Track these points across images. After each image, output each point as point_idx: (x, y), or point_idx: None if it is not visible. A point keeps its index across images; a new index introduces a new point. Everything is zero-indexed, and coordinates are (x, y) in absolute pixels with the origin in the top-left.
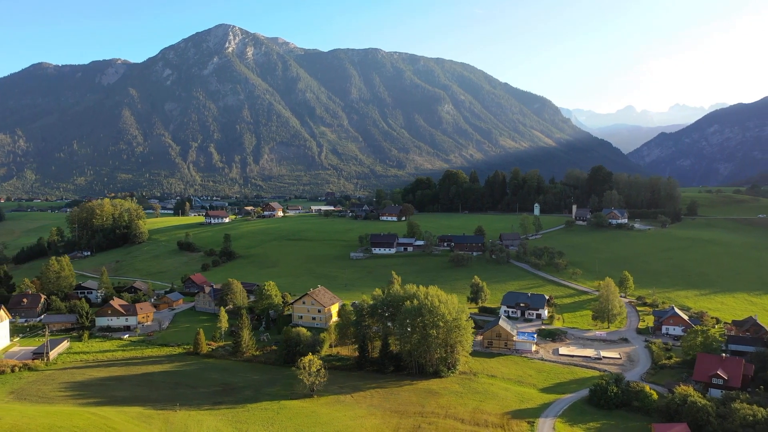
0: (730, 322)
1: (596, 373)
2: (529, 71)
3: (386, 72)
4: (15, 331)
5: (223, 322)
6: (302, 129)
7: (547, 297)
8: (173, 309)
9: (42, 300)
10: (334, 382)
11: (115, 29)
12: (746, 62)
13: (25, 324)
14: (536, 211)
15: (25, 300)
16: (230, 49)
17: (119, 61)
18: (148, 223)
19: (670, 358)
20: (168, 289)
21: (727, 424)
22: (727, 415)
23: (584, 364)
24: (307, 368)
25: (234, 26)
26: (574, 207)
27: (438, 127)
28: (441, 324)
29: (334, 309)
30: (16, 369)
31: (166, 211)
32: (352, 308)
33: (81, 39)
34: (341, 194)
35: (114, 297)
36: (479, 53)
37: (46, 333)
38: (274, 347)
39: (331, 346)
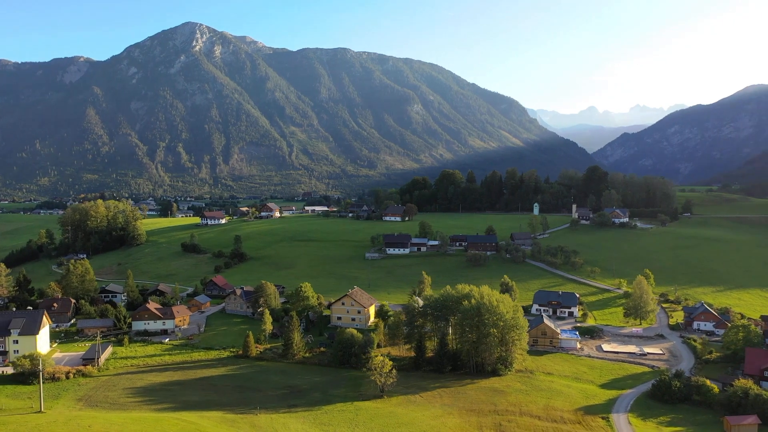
0: (758, 317)
1: (645, 369)
2: (496, 72)
3: (355, 72)
4: (51, 336)
5: (267, 325)
6: (272, 129)
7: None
8: (203, 312)
9: (72, 304)
10: (397, 383)
11: (78, 26)
12: (704, 65)
13: (57, 329)
14: (536, 210)
15: (55, 305)
16: (197, 48)
17: (82, 59)
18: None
19: (710, 353)
20: (188, 292)
21: None
22: None
23: (631, 360)
24: (379, 369)
25: (201, 24)
26: (574, 206)
27: (408, 127)
28: (501, 323)
29: (372, 310)
30: (71, 375)
31: (150, 212)
32: (389, 308)
33: (41, 36)
34: (322, 195)
35: (149, 300)
36: (447, 54)
37: (98, 338)
38: (322, 349)
39: (378, 346)
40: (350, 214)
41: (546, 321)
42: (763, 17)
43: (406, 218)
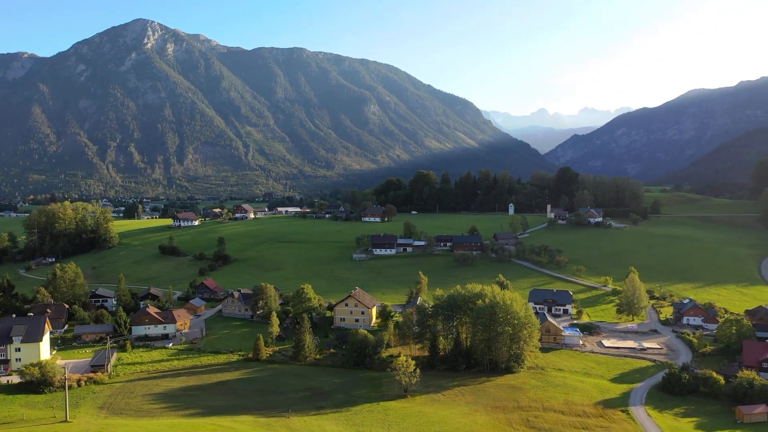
0: (742, 312)
1: (648, 363)
2: (451, 74)
3: (312, 72)
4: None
5: (275, 327)
6: (227, 128)
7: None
8: (199, 315)
9: (66, 310)
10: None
11: (21, 20)
12: (649, 70)
13: (53, 336)
14: (511, 210)
15: (48, 311)
16: (149, 45)
17: (26, 55)
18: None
19: (705, 346)
20: (178, 295)
21: None
22: None
23: (633, 355)
24: (403, 369)
25: (153, 21)
26: (549, 207)
27: (365, 128)
28: (514, 321)
29: (374, 310)
30: (82, 383)
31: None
32: (393, 309)
33: None
34: (285, 196)
35: (148, 305)
36: (403, 55)
37: (108, 345)
38: (332, 350)
39: (387, 346)
40: (327, 215)
41: (549, 319)
42: (703, 27)
43: (386, 219)
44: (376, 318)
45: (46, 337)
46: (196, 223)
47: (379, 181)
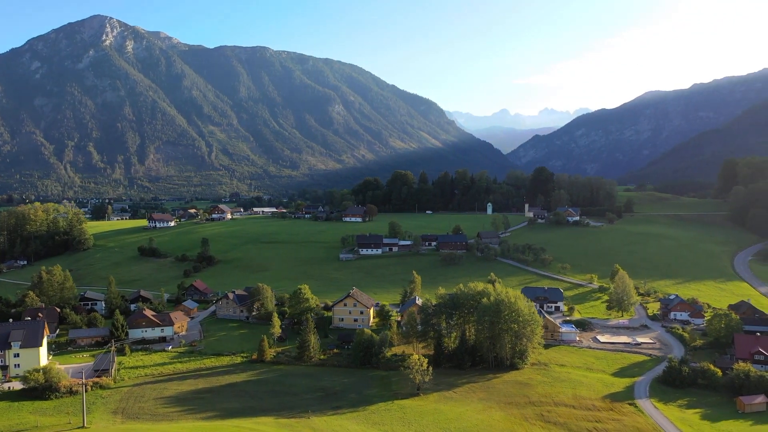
0: (726, 307)
1: (645, 358)
2: (414, 74)
3: (275, 71)
4: None
5: (276, 328)
6: (190, 128)
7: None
8: (193, 317)
9: (57, 314)
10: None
11: None
12: (607, 73)
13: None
14: (489, 210)
15: (40, 315)
16: (108, 42)
17: None
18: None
19: (695, 340)
20: (167, 297)
21: None
22: None
23: (628, 350)
24: (416, 368)
25: (111, 18)
26: (527, 206)
27: (329, 128)
28: (520, 318)
29: (372, 310)
30: (88, 387)
31: None
32: (390, 308)
33: None
34: (253, 196)
35: (144, 308)
36: (367, 55)
37: (112, 349)
38: (335, 350)
39: (390, 345)
40: (307, 215)
41: (546, 316)
42: (660, 33)
43: (367, 219)
44: (374, 318)
45: (45, 342)
46: (172, 224)
47: (345, 181)
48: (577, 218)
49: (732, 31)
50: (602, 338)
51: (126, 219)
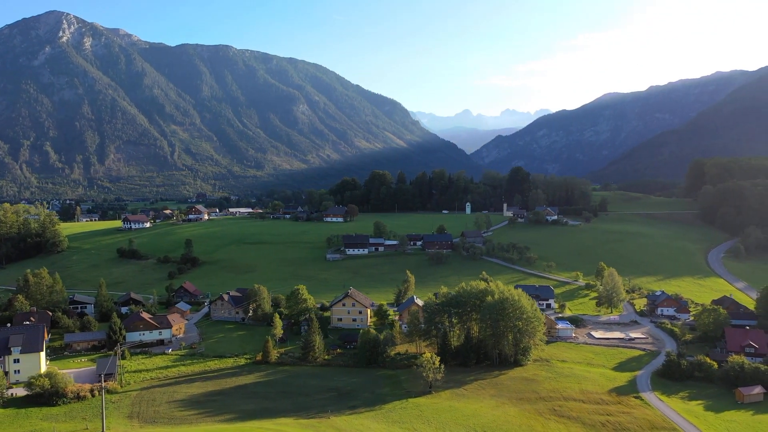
0: (709, 302)
1: (640, 352)
2: (378, 74)
3: (239, 70)
4: None
5: (278, 329)
6: (151, 127)
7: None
8: (186, 320)
9: (50, 318)
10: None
11: None
12: (568, 75)
13: None
14: (468, 210)
15: (32, 319)
16: (64, 39)
17: None
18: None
19: (685, 334)
20: (156, 299)
21: None
22: None
23: (623, 345)
24: (429, 366)
25: (68, 14)
26: (505, 206)
27: (294, 128)
28: (524, 316)
29: (369, 310)
30: (96, 392)
31: None
32: (387, 307)
33: None
34: (222, 197)
35: (141, 310)
36: (331, 55)
37: (117, 353)
38: (338, 350)
39: (393, 344)
40: (286, 216)
41: (545, 313)
42: (618, 37)
43: (349, 219)
44: (372, 317)
45: (44, 347)
46: (148, 225)
47: (310, 181)
48: (556, 217)
49: (686, 35)
50: (597, 334)
51: (95, 220)
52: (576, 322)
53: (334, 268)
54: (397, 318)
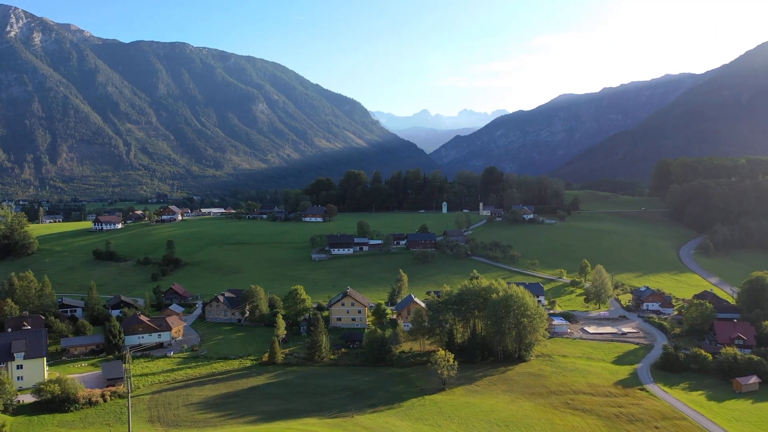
0: (691, 297)
1: (634, 346)
2: (337, 74)
3: (196, 68)
4: None
5: (281, 330)
6: (106, 126)
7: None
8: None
9: (43, 322)
10: (437, 375)
11: None
12: (524, 76)
13: None
14: (444, 209)
15: (26, 323)
16: (12, 34)
17: None
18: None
19: (674, 328)
20: (142, 301)
21: None
22: None
23: (617, 339)
24: (443, 363)
25: (16, 8)
26: (481, 205)
27: (253, 127)
28: (528, 312)
29: (367, 309)
30: (107, 397)
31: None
32: (384, 306)
33: None
34: (185, 197)
35: (139, 313)
36: (290, 54)
37: (128, 357)
38: (343, 350)
39: (397, 343)
40: (263, 216)
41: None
42: (572, 41)
43: (328, 219)
44: (370, 316)
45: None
46: (119, 226)
47: (271, 180)
48: (532, 216)
49: (638, 38)
50: (590, 329)
51: (59, 221)
52: (568, 318)
53: (322, 268)
54: (395, 317)
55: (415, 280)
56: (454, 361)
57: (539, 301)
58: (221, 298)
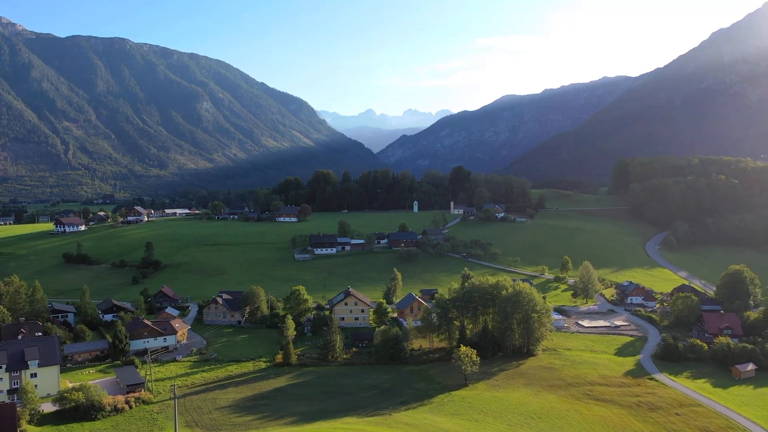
0: (670, 290)
1: (630, 338)
2: (282, 72)
3: (137, 64)
4: None
5: (291, 331)
6: (41, 124)
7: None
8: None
9: (41, 328)
10: (459, 371)
11: None
12: (467, 77)
13: None
14: (415, 208)
15: (23, 331)
16: None
17: None
18: None
19: (663, 320)
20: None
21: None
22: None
23: (612, 332)
24: (466, 359)
25: None
26: (452, 204)
27: (198, 125)
28: (537, 308)
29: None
30: (132, 403)
31: None
32: (385, 305)
33: None
34: (136, 197)
35: (142, 317)
36: (234, 51)
37: (149, 361)
38: (354, 349)
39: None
40: (233, 216)
41: None
42: (514, 43)
43: (302, 219)
44: (373, 315)
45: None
46: (83, 228)
47: (218, 180)
48: (503, 214)
49: (576, 42)
50: (585, 323)
51: (9, 224)
52: (562, 312)
53: (308, 269)
54: (395, 315)
55: (404, 278)
56: (476, 357)
57: None
58: (220, 300)
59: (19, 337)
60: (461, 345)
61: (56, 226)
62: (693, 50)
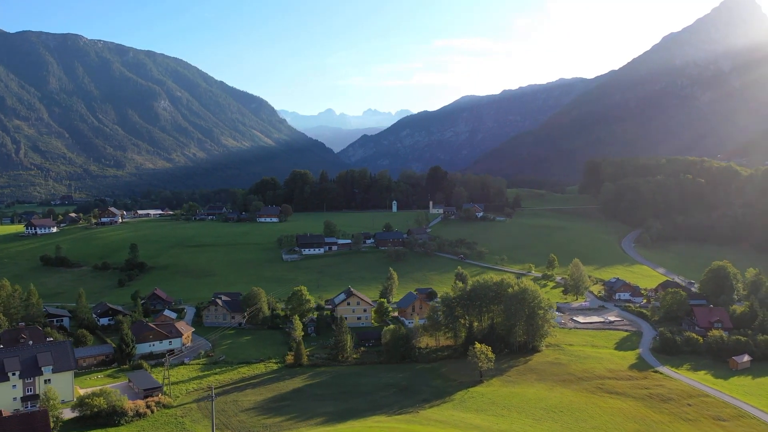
0: (655, 286)
1: (626, 333)
2: (241, 71)
3: (91, 62)
4: None
5: (299, 331)
6: None
7: None
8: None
9: (41, 332)
10: (472, 367)
11: None
12: (427, 77)
13: None
14: (394, 208)
15: (24, 336)
16: None
17: None
18: None
19: (654, 315)
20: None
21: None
22: (760, 343)
23: (607, 327)
24: (482, 357)
25: None
26: (431, 203)
27: (156, 124)
28: (543, 305)
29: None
30: (153, 408)
31: None
32: (386, 305)
33: None
34: (97, 198)
35: (146, 320)
36: (192, 49)
37: (166, 364)
38: (363, 348)
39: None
40: (211, 217)
41: None
42: (471, 42)
43: (284, 219)
44: (374, 314)
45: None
46: (55, 230)
47: (177, 180)
48: (483, 213)
49: (533, 44)
50: (580, 319)
51: None
52: (557, 309)
53: (297, 269)
54: (396, 314)
55: (398, 276)
56: (492, 354)
57: None
58: (219, 302)
59: (21, 342)
60: (469, 342)
61: (27, 228)
62: (646, 53)
